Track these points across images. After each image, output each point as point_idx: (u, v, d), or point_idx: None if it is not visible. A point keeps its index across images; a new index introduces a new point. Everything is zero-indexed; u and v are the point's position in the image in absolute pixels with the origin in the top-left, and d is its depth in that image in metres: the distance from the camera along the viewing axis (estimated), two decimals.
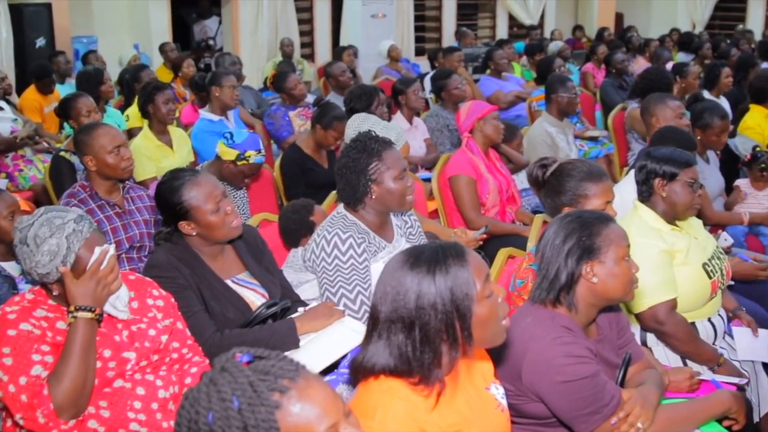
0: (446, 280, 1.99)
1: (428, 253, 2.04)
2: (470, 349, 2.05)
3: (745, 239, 5.08)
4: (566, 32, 16.15)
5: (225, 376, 1.54)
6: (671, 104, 5.20)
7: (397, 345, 1.99)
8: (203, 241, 3.15)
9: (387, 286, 2.02)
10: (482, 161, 5.01)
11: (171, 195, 3.09)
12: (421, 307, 1.97)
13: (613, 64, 9.39)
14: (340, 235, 3.33)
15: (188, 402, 1.55)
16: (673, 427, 2.62)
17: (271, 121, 6.91)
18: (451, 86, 6.94)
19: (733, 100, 7.55)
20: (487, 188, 4.92)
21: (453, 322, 2.00)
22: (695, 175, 3.48)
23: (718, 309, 3.56)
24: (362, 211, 3.45)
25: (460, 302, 2.00)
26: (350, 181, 3.39)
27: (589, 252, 2.52)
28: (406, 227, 3.69)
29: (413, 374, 1.99)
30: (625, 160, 6.78)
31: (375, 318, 2.04)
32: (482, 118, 5.04)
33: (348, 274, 3.30)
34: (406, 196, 3.43)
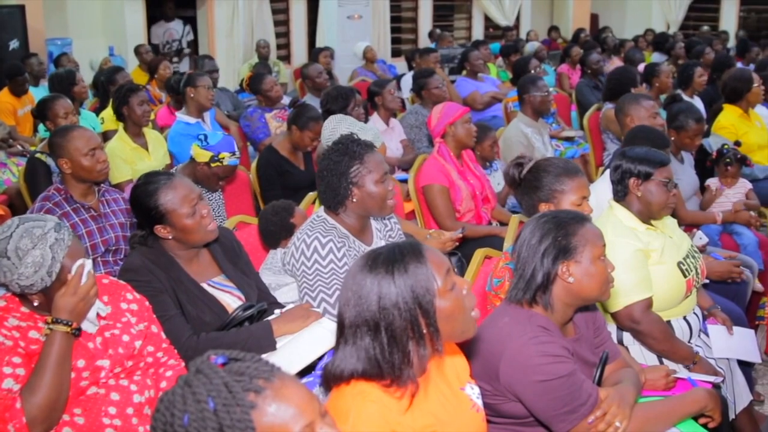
0: (405, 278, 2.00)
1: (385, 254, 2.05)
2: (439, 345, 2.06)
3: (719, 238, 5.12)
4: (542, 33, 16.21)
5: (200, 377, 1.53)
6: (645, 104, 5.24)
7: (365, 349, 1.99)
8: (179, 244, 3.13)
9: (348, 291, 2.03)
10: (454, 167, 4.99)
11: (146, 199, 3.07)
12: (384, 307, 1.98)
13: (588, 65, 9.46)
14: (320, 239, 3.32)
15: (163, 405, 1.54)
16: (650, 425, 2.63)
17: (248, 123, 6.89)
18: (432, 85, 6.96)
19: (708, 99, 7.61)
20: (460, 196, 4.91)
21: (417, 319, 2.00)
22: (670, 174, 3.51)
23: (694, 307, 3.59)
24: (342, 215, 3.44)
25: (421, 298, 2.00)
26: (331, 183, 3.38)
27: (565, 252, 2.54)
28: (386, 230, 3.69)
29: (384, 376, 1.99)
30: (601, 160, 6.82)
31: (341, 324, 2.04)
32: (453, 123, 5.02)
33: (328, 279, 3.29)
34: (386, 200, 3.42)
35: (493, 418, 2.58)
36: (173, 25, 11.52)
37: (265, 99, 7.03)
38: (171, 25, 11.50)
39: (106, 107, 6.81)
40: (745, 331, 3.78)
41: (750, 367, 3.93)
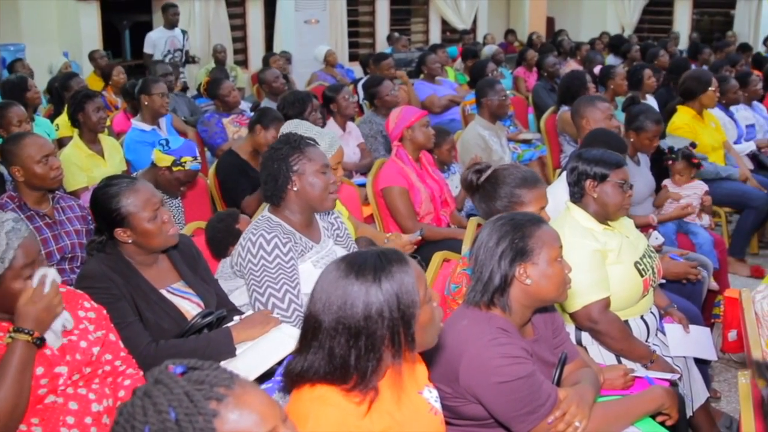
0: (392, 286, 2.00)
1: (372, 260, 2.04)
2: (411, 355, 2.07)
3: (675, 238, 5.19)
4: (498, 36, 16.31)
5: (160, 388, 1.51)
6: (600, 106, 5.30)
7: (340, 355, 1.98)
8: (138, 249, 3.09)
9: (331, 296, 2.00)
10: (413, 170, 5.00)
11: (107, 201, 3.03)
12: (369, 316, 1.98)
13: (544, 68, 9.53)
14: (264, 236, 3.31)
15: (123, 417, 1.51)
16: (609, 424, 2.65)
17: (205, 129, 6.85)
18: (383, 93, 6.96)
19: (662, 101, 7.70)
20: (419, 198, 4.92)
21: (398, 329, 2.01)
22: (625, 175, 3.55)
23: (651, 307, 3.63)
24: (286, 212, 3.43)
25: (406, 309, 2.01)
26: (272, 171, 3.38)
27: (522, 254, 2.55)
28: (333, 229, 3.69)
29: (348, 380, 1.99)
30: (558, 162, 6.88)
31: (315, 328, 2.02)
32: (411, 126, 5.03)
33: (275, 274, 3.28)
34: (328, 192, 3.42)
35: (453, 421, 2.58)
36: (175, 34, 10.81)
37: (222, 104, 6.99)
38: (173, 34, 10.77)
39: (61, 114, 6.73)
40: (701, 330, 3.83)
41: (707, 365, 3.98)
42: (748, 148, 7.12)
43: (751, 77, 7.74)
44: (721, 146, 6.58)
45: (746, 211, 6.30)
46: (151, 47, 10.55)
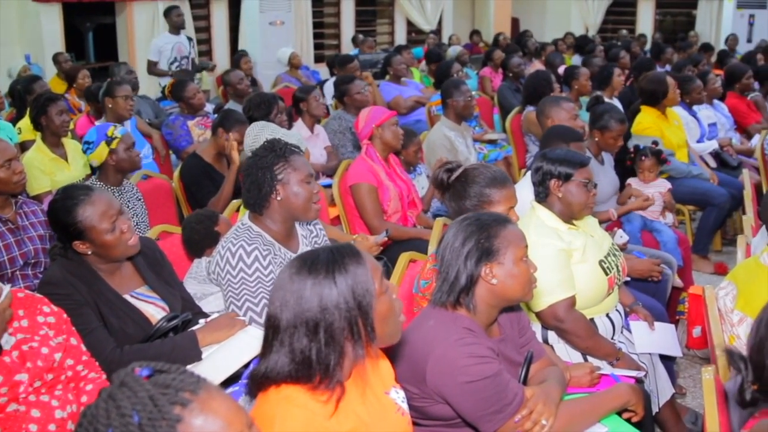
0: (346, 279, 2.01)
1: (325, 255, 2.05)
2: (373, 348, 2.08)
3: (640, 236, 5.23)
4: (464, 37, 16.36)
5: (124, 390, 1.50)
6: (565, 106, 5.34)
7: (301, 350, 1.98)
8: (98, 259, 3.07)
9: (286, 294, 2.01)
10: (382, 168, 5.02)
11: (64, 215, 2.99)
12: (325, 308, 1.98)
13: (509, 68, 9.58)
14: (245, 248, 3.29)
15: (86, 419, 1.50)
16: (575, 422, 2.67)
17: (170, 131, 6.81)
18: (354, 91, 6.97)
19: (626, 101, 7.77)
20: (388, 195, 4.93)
21: (356, 320, 2.02)
22: (589, 175, 3.57)
23: (616, 304, 3.65)
24: (268, 222, 3.41)
25: (361, 299, 2.02)
26: (256, 179, 3.35)
27: (488, 254, 2.56)
28: (311, 237, 3.67)
29: (313, 378, 1.99)
30: (524, 162, 6.92)
31: (275, 327, 2.02)
32: (380, 125, 5.05)
33: (254, 287, 3.26)
34: (311, 203, 3.40)
35: (420, 421, 2.59)
36: (181, 39, 10.03)
37: (187, 106, 6.95)
38: (179, 39, 9.99)
39: (24, 117, 6.65)
40: (666, 326, 3.86)
41: (672, 361, 4.02)
42: (710, 146, 7.21)
43: (709, 76, 7.84)
44: (685, 144, 6.65)
45: (709, 209, 6.38)
46: (156, 55, 9.94)
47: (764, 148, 6.33)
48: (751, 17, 17.06)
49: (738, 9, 17.05)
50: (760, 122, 8.11)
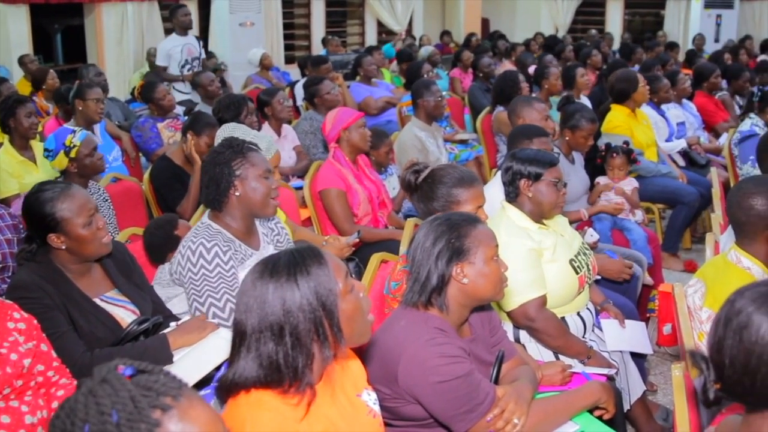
0: (308, 281, 2.00)
1: (285, 259, 2.04)
2: (341, 348, 2.07)
3: (610, 234, 5.26)
4: (434, 37, 16.39)
5: (105, 387, 1.47)
6: (537, 106, 5.37)
7: (268, 354, 1.97)
8: (71, 257, 3.04)
9: (250, 299, 2.00)
10: (350, 171, 5.00)
11: (41, 205, 2.97)
12: (289, 311, 1.97)
13: (480, 69, 9.61)
14: (204, 245, 3.28)
15: (64, 412, 1.47)
16: (547, 420, 2.68)
17: (139, 134, 6.76)
18: (324, 91, 6.96)
19: (596, 100, 7.82)
20: (357, 199, 4.91)
21: (322, 321, 2.01)
22: (559, 174, 3.59)
23: (587, 303, 3.67)
24: (227, 219, 3.40)
25: (325, 299, 2.01)
26: (214, 176, 3.35)
27: (459, 253, 2.56)
28: (273, 235, 3.67)
29: (283, 382, 1.98)
30: (495, 162, 6.94)
31: (241, 332, 2.01)
32: (347, 128, 5.02)
33: (215, 283, 3.25)
34: (269, 198, 3.40)
35: (392, 422, 2.59)
36: (190, 40, 9.43)
37: (157, 108, 6.90)
38: (188, 41, 9.39)
39: None
40: (637, 324, 3.89)
41: (643, 359, 4.04)
42: (679, 145, 7.27)
43: (679, 76, 7.91)
44: (654, 143, 6.70)
45: (678, 207, 6.43)
46: (165, 59, 9.32)
47: (732, 146, 6.39)
48: (718, 17, 17.24)
49: (705, 9, 17.22)
50: (728, 121, 8.20)
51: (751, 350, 1.68)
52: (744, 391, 1.72)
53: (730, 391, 1.75)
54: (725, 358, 1.72)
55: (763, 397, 1.70)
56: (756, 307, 1.70)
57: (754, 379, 1.68)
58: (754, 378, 1.68)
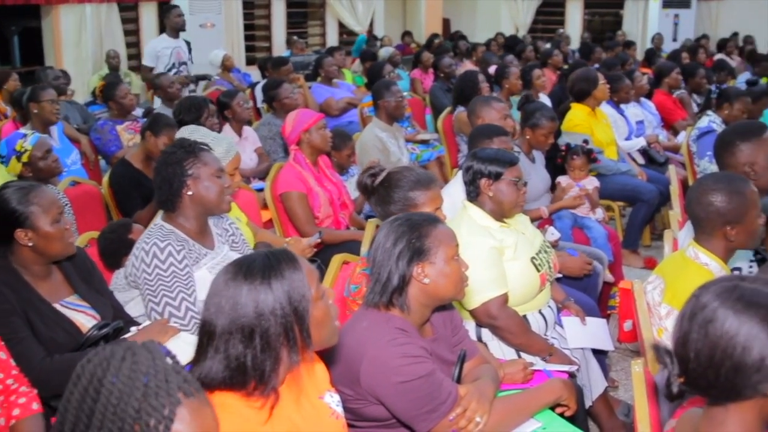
0: (282, 284, 1.99)
1: (260, 261, 2.03)
2: (309, 353, 2.07)
3: (571, 232, 5.30)
4: (395, 38, 16.41)
5: (145, 353, 1.48)
6: (496, 106, 5.39)
7: (236, 356, 1.96)
8: (35, 256, 3.01)
9: (221, 299, 1.99)
10: (311, 174, 4.97)
11: (9, 201, 2.95)
12: (261, 314, 1.96)
13: (441, 69, 9.63)
14: (158, 245, 3.27)
15: (98, 358, 1.47)
16: (509, 418, 2.69)
17: (98, 136, 6.69)
18: (282, 95, 6.94)
19: (557, 99, 7.88)
20: (318, 202, 4.89)
21: (292, 326, 2.00)
22: (519, 173, 3.61)
23: (548, 301, 3.69)
24: (180, 219, 3.39)
25: (298, 304, 2.00)
26: (166, 176, 3.34)
27: (419, 253, 2.57)
28: (227, 235, 3.66)
29: (248, 384, 1.97)
30: (456, 162, 6.96)
31: (210, 333, 1.99)
32: (308, 130, 4.99)
33: (170, 282, 3.24)
34: (223, 195, 3.40)
35: (355, 423, 2.59)
36: (180, 44, 9.06)
37: (118, 107, 6.81)
38: (178, 44, 9.03)
39: None
40: (598, 321, 3.92)
41: (604, 355, 4.08)
42: (638, 143, 7.35)
43: (636, 74, 7.99)
44: (614, 142, 6.77)
45: (638, 205, 6.50)
46: (152, 59, 8.97)
47: (690, 142, 6.47)
48: (675, 16, 17.46)
49: (663, 9, 17.42)
50: (686, 119, 8.30)
51: (716, 344, 1.70)
52: (708, 385, 1.74)
53: (694, 384, 1.77)
54: (690, 352, 1.74)
55: (726, 390, 1.72)
56: (721, 302, 1.73)
57: (718, 372, 1.70)
58: (718, 371, 1.70)
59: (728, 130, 3.84)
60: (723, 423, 1.77)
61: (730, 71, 10.63)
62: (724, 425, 1.76)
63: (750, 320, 1.68)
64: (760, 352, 1.66)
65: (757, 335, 1.67)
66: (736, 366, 1.68)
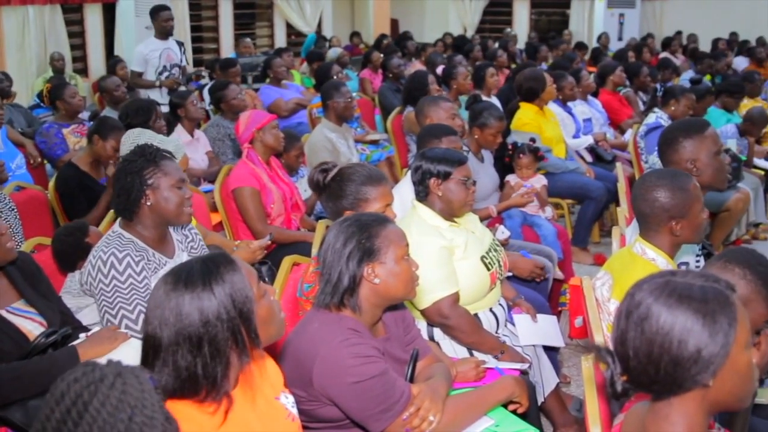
0: (224, 288, 1.97)
1: (199, 267, 2.01)
2: (258, 352, 2.06)
3: (521, 231, 5.34)
4: (344, 39, 16.40)
5: (135, 385, 1.47)
6: (444, 106, 5.41)
7: (186, 367, 1.94)
8: None
9: (165, 311, 1.95)
10: (264, 171, 4.96)
11: None
12: (207, 321, 1.94)
13: (389, 69, 9.64)
14: (116, 255, 3.21)
15: (87, 379, 1.46)
16: (462, 416, 2.71)
17: (44, 140, 6.58)
18: (230, 97, 6.89)
19: (505, 99, 7.93)
20: (271, 198, 4.88)
21: (239, 328, 1.99)
22: (468, 173, 3.63)
23: (499, 299, 3.72)
24: (139, 227, 3.34)
25: (242, 306, 1.99)
26: (125, 185, 3.28)
27: (369, 254, 2.57)
28: (187, 242, 3.61)
29: (200, 391, 1.95)
30: (406, 162, 6.97)
31: (156, 347, 1.96)
32: (261, 128, 4.99)
33: (127, 294, 3.19)
34: (183, 207, 3.35)
35: (309, 424, 2.58)
36: (170, 45, 8.62)
37: (67, 108, 6.71)
38: (168, 45, 8.58)
39: None
40: (549, 318, 3.96)
41: (556, 352, 4.11)
42: (586, 141, 7.43)
43: (582, 73, 8.08)
44: (562, 140, 6.83)
45: (586, 202, 6.57)
46: (141, 64, 8.50)
47: (637, 139, 6.55)
48: (621, 16, 17.68)
49: (609, 8, 17.63)
50: (632, 117, 8.41)
51: (652, 340, 1.73)
52: (649, 381, 1.77)
53: (637, 381, 1.80)
54: (629, 349, 1.77)
55: (668, 384, 1.75)
56: (654, 298, 1.76)
57: (657, 367, 1.73)
58: (657, 367, 1.73)
59: (671, 127, 3.90)
60: (667, 416, 1.80)
61: (674, 69, 10.80)
62: (669, 418, 1.80)
63: (683, 314, 1.71)
64: (695, 344, 1.70)
65: (692, 328, 1.70)
66: (674, 360, 1.71)
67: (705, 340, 1.70)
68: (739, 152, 6.92)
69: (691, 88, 6.99)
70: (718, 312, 1.71)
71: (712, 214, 6.17)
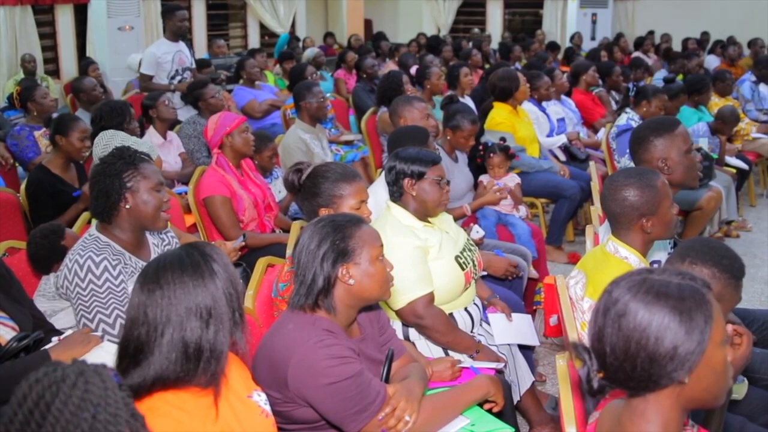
0: (222, 266, 2.09)
1: (191, 251, 2.09)
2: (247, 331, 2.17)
3: (495, 230, 5.35)
4: (317, 39, 16.38)
5: (98, 383, 1.46)
6: (418, 106, 5.42)
7: (195, 341, 2.00)
8: None
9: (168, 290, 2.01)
10: (234, 177, 4.91)
11: None
12: (213, 294, 2.03)
13: (363, 69, 9.64)
14: (93, 258, 3.19)
15: (49, 379, 1.45)
16: (438, 415, 2.71)
17: (15, 142, 6.52)
18: (208, 95, 6.86)
19: (479, 98, 7.95)
20: (242, 205, 4.83)
21: (237, 304, 2.10)
22: (442, 172, 3.64)
23: (474, 298, 3.73)
24: (116, 231, 3.32)
25: (235, 282, 2.10)
26: (103, 187, 3.26)
27: (344, 255, 2.57)
28: (163, 245, 3.59)
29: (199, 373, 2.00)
30: (380, 162, 6.98)
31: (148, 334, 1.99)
32: (230, 133, 4.93)
33: (104, 298, 3.16)
34: (160, 211, 3.33)
35: (285, 426, 2.58)
36: (181, 47, 8.27)
37: (38, 109, 6.65)
38: (179, 48, 8.24)
39: None
40: (524, 317, 3.97)
41: (531, 350, 4.13)
42: (559, 140, 7.47)
43: (555, 73, 8.12)
44: (535, 139, 6.86)
45: (560, 201, 6.61)
46: (152, 67, 8.17)
47: (609, 140, 6.60)
48: (593, 16, 17.76)
49: (581, 8, 17.72)
50: (605, 116, 8.46)
51: (629, 337, 1.74)
52: (626, 377, 1.78)
53: (613, 378, 1.81)
54: (606, 346, 1.78)
55: (644, 381, 1.76)
56: (632, 296, 1.77)
57: (634, 364, 1.74)
58: (634, 363, 1.74)
59: (642, 126, 3.92)
60: (643, 413, 1.81)
61: (646, 69, 10.87)
62: (645, 415, 1.81)
63: (660, 311, 1.73)
64: (672, 341, 1.71)
65: (668, 325, 1.72)
66: (651, 357, 1.73)
67: (681, 337, 1.71)
68: (711, 151, 6.97)
69: (663, 88, 7.04)
70: (694, 309, 1.73)
71: (685, 212, 6.22)
